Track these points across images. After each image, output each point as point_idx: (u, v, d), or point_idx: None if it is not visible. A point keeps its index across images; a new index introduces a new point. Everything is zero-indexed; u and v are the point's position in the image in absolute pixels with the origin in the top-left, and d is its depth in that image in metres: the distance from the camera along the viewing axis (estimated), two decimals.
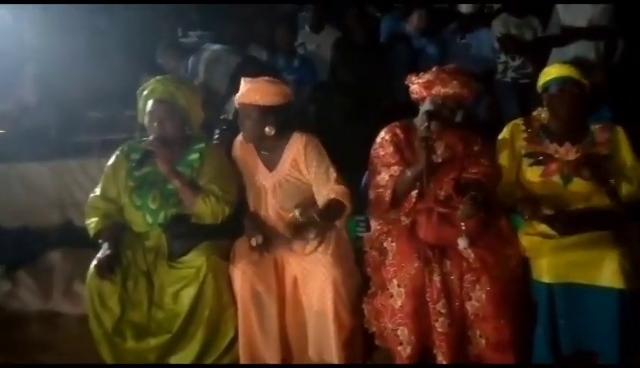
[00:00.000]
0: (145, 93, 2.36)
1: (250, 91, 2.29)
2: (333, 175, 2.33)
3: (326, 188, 2.32)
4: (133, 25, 4.30)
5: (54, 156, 3.18)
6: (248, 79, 2.33)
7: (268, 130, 2.29)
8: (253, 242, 2.25)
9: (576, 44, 3.44)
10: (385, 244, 2.29)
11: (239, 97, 2.32)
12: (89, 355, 2.38)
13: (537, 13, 3.93)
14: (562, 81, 2.32)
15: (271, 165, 2.39)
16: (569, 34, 3.47)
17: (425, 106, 2.29)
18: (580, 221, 2.22)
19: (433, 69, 2.31)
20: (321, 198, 2.34)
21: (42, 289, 3.00)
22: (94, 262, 2.24)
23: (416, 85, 2.32)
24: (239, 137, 2.47)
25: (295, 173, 2.36)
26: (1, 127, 3.30)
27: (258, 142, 2.38)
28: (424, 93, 2.29)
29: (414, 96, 2.35)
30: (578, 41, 3.44)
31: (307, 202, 2.34)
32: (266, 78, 2.35)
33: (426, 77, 2.30)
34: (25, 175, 3.16)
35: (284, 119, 2.33)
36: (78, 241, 2.93)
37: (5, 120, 3.30)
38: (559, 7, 3.56)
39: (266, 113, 2.28)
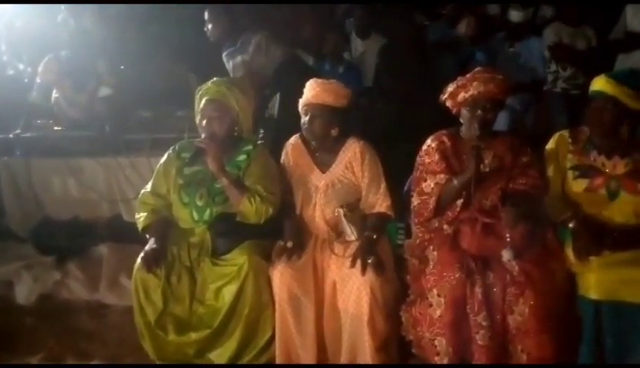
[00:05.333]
0: (200, 93, 2.45)
1: (323, 92, 2.37)
2: (383, 184, 2.42)
3: (374, 197, 2.41)
4: (184, 29, 4.41)
5: (107, 152, 3.26)
6: (319, 80, 2.42)
7: (334, 132, 2.39)
8: (288, 245, 2.31)
9: None
10: (426, 253, 2.27)
11: (310, 98, 2.39)
12: (132, 345, 2.46)
13: (592, 23, 3.82)
14: (598, 96, 2.22)
15: (324, 167, 2.46)
16: (633, 40, 3.35)
17: (469, 113, 2.26)
18: (631, 238, 2.14)
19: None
20: (366, 205, 2.42)
21: (90, 280, 3.10)
22: (141, 255, 2.30)
23: (445, 100, 2.32)
24: (292, 140, 2.53)
25: (348, 175, 2.43)
26: (59, 124, 3.42)
27: (321, 141, 2.44)
28: (454, 104, 2.30)
29: (452, 110, 2.34)
30: None
31: (353, 203, 2.41)
32: (335, 81, 2.44)
33: (448, 89, 2.30)
34: (79, 169, 3.26)
35: (345, 123, 2.42)
36: (126, 236, 3.02)
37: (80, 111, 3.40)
38: (629, 12, 3.45)
39: (335, 113, 2.38)
